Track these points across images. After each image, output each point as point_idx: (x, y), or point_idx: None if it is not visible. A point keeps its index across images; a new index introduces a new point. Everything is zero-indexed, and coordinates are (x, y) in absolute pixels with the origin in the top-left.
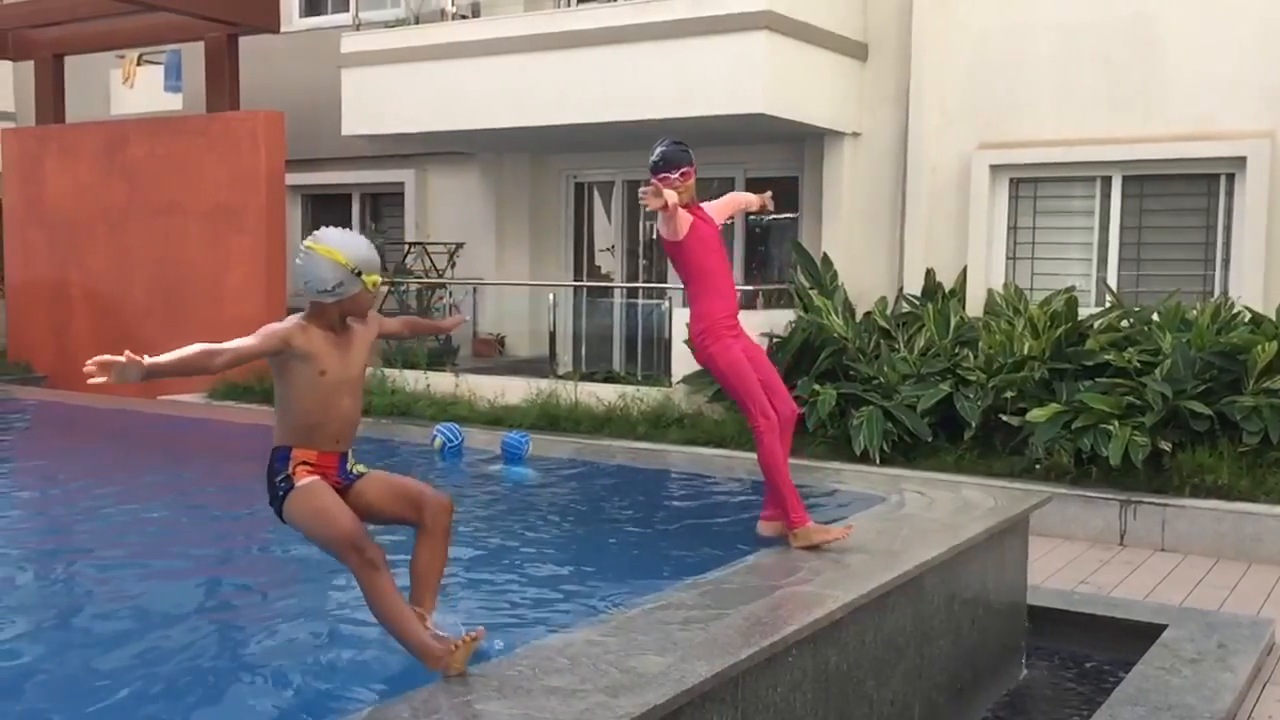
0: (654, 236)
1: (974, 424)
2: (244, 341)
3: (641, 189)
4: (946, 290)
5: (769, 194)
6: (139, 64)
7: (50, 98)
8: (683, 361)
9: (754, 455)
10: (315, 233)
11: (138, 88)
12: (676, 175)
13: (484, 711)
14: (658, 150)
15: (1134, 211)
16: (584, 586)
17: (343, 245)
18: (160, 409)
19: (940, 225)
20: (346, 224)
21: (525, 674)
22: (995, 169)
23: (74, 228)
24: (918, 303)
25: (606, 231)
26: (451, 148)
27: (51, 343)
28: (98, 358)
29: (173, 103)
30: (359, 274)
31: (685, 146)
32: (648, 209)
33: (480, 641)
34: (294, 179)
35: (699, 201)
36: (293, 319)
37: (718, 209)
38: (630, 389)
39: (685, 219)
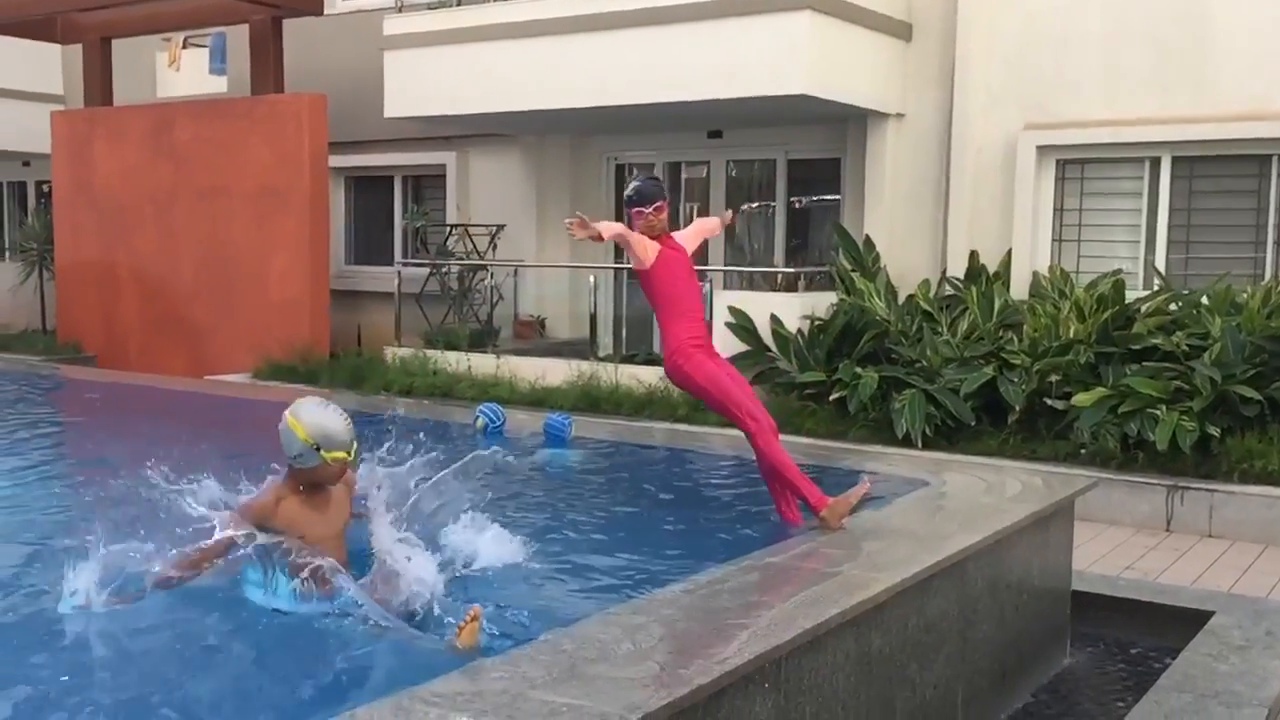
0: (693, 219)
1: (1018, 408)
2: (224, 534)
3: (566, 220)
4: (990, 273)
5: (729, 212)
6: (184, 47)
7: (98, 81)
8: (724, 343)
9: (794, 439)
10: (296, 402)
11: (183, 71)
12: (650, 209)
13: (527, 694)
14: (632, 186)
15: (1183, 193)
16: (626, 567)
17: (308, 421)
18: (211, 389)
19: (985, 207)
20: (388, 207)
21: (568, 655)
22: (1042, 150)
23: (122, 209)
24: (961, 285)
25: None
26: (493, 130)
27: (100, 323)
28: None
29: (218, 85)
30: (318, 449)
31: (659, 182)
32: (575, 239)
33: (480, 621)
34: (337, 161)
35: (670, 231)
36: (271, 484)
37: (687, 237)
38: None
39: (652, 248)
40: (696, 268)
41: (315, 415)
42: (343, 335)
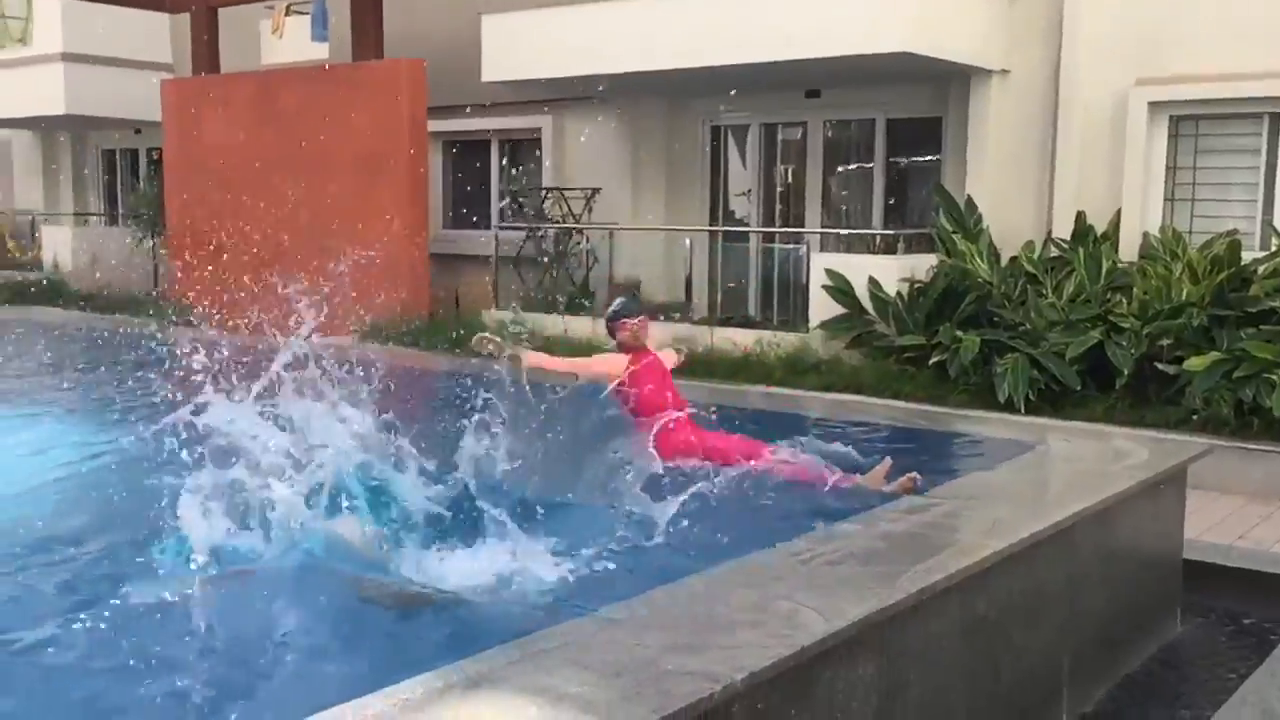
0: (790, 181)
1: (1126, 372)
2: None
3: (479, 336)
4: (1098, 234)
5: (682, 353)
6: (288, 14)
7: (205, 49)
8: (821, 306)
9: (894, 403)
10: None
11: (286, 38)
12: (635, 321)
13: (634, 652)
14: (617, 303)
15: None
16: (725, 530)
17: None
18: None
19: (1092, 166)
20: (485, 170)
21: (670, 612)
22: (1153, 106)
23: (229, 176)
24: (1067, 247)
25: (742, 175)
26: (589, 93)
27: (209, 285)
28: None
29: (319, 52)
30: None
31: (636, 299)
32: (484, 352)
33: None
34: (434, 126)
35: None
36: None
37: (663, 356)
38: (767, 334)
39: (617, 361)
40: (792, 229)
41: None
42: (441, 299)
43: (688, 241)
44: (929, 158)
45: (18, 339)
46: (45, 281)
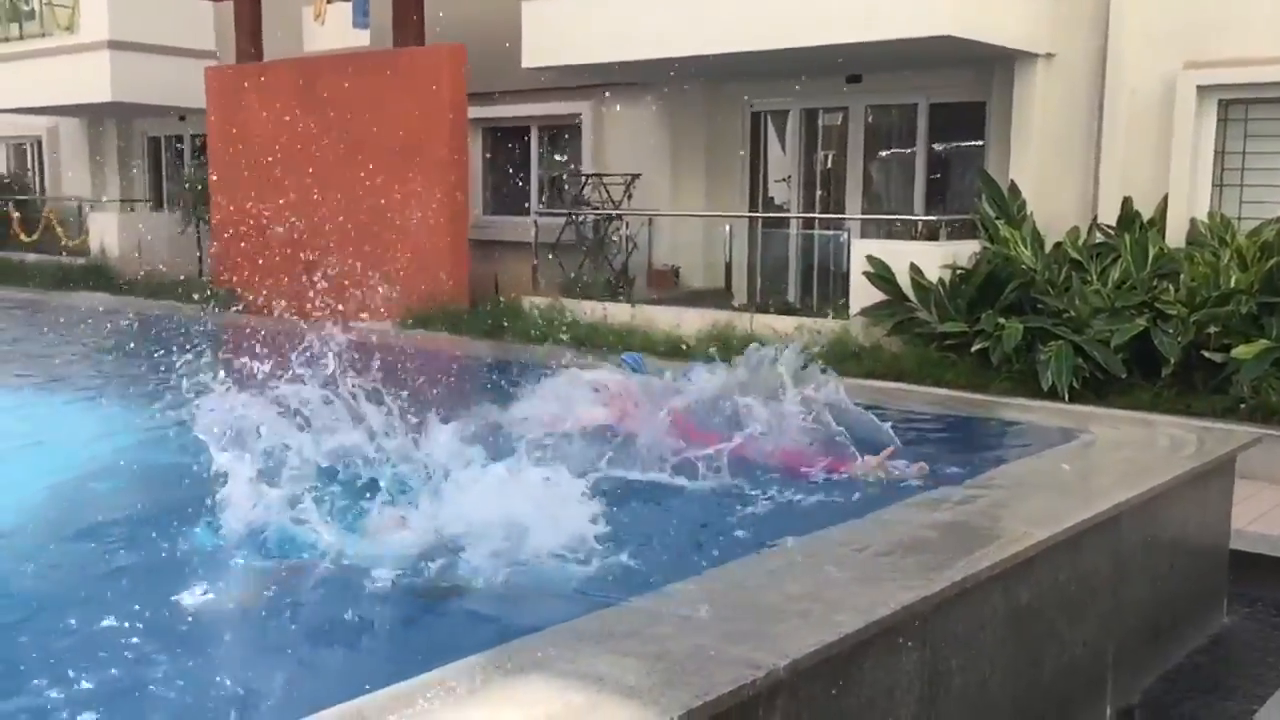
0: (830, 167)
1: (1173, 360)
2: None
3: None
4: (1144, 220)
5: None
6: (330, 1)
7: (248, 36)
8: (861, 293)
9: (934, 390)
10: None
11: (328, 25)
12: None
13: (676, 635)
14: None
15: None
16: (770, 516)
17: None
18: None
19: (1139, 151)
20: (524, 157)
21: (713, 599)
22: (1202, 90)
23: (271, 162)
24: (1113, 233)
25: (782, 161)
26: (628, 78)
27: (253, 270)
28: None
29: (361, 39)
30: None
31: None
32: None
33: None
34: (474, 112)
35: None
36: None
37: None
38: (807, 320)
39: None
40: (832, 216)
41: None
42: (480, 285)
43: (727, 228)
44: (972, 143)
45: (70, 323)
46: (93, 267)
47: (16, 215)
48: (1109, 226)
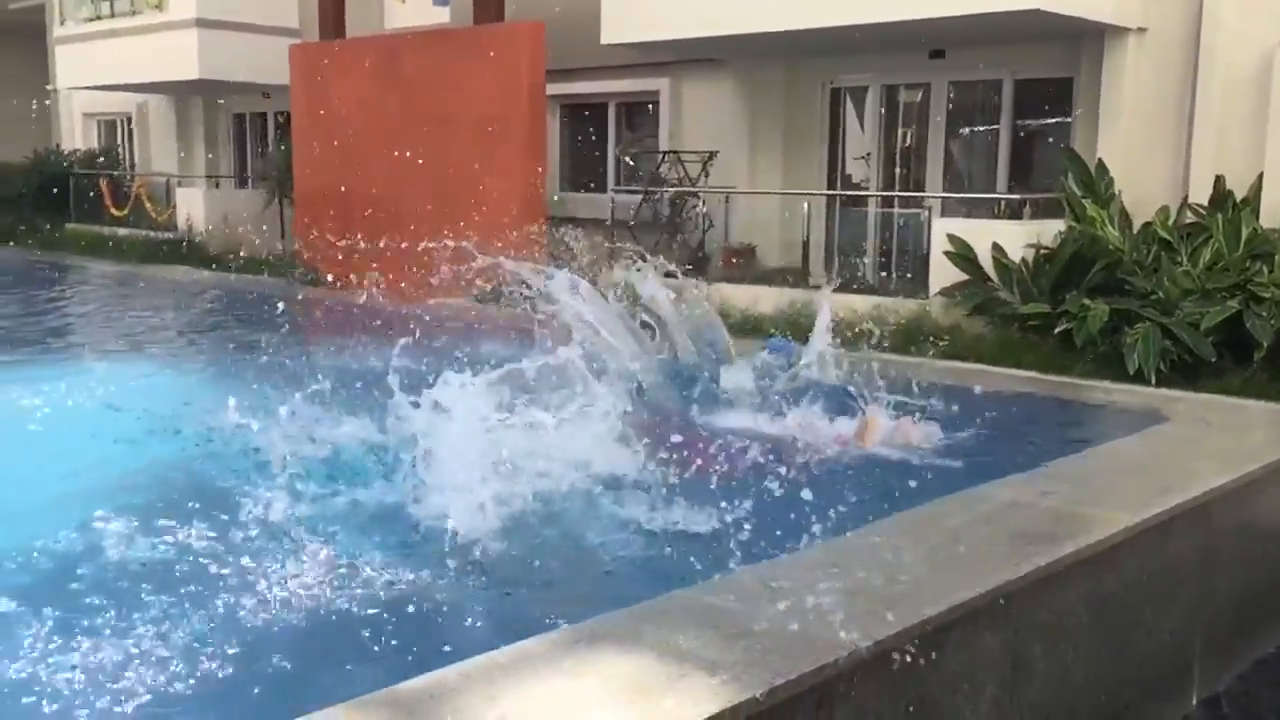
0: (910, 144)
1: (1265, 344)
2: None
3: None
4: (1238, 199)
5: None
6: None
7: (331, 13)
8: (941, 273)
9: (1015, 371)
10: None
11: (409, 2)
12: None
13: (761, 608)
14: None
15: None
16: (852, 497)
17: None
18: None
19: (1234, 128)
20: (602, 134)
21: (794, 578)
22: None
23: (354, 139)
24: (1205, 212)
25: (861, 139)
26: (707, 55)
27: (335, 247)
28: None
29: (441, 16)
30: None
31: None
32: None
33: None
34: (552, 89)
35: None
36: None
37: None
38: (885, 300)
39: None
40: (915, 194)
41: None
42: (557, 263)
43: (805, 206)
44: (1058, 119)
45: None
46: (180, 242)
47: (108, 190)
48: (1200, 206)
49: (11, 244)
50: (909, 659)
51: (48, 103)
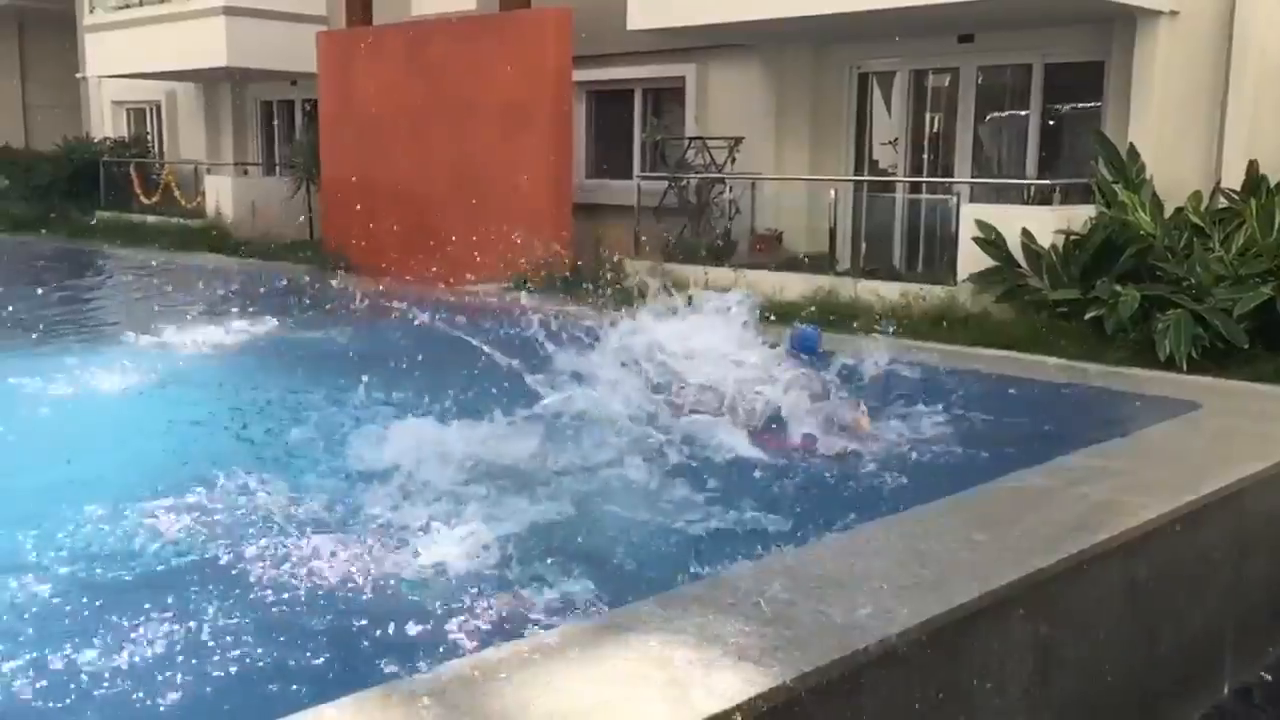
0: (939, 129)
1: None
2: None
3: None
4: (1272, 184)
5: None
6: None
7: (358, 1)
8: (970, 259)
9: (1044, 358)
10: None
11: None
12: None
13: (791, 597)
14: None
15: None
16: (879, 485)
17: None
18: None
19: (1267, 113)
20: (628, 120)
21: (823, 566)
22: None
23: (380, 126)
24: (1237, 198)
25: (889, 124)
26: (733, 40)
27: (362, 234)
28: None
29: (467, 2)
30: None
31: None
32: None
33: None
34: (577, 75)
35: None
36: None
37: None
38: (913, 287)
39: None
40: (943, 180)
41: None
42: (582, 248)
43: (832, 192)
44: (1088, 104)
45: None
46: (209, 228)
47: (138, 178)
48: (1233, 191)
49: (44, 231)
50: (939, 647)
51: (79, 90)
